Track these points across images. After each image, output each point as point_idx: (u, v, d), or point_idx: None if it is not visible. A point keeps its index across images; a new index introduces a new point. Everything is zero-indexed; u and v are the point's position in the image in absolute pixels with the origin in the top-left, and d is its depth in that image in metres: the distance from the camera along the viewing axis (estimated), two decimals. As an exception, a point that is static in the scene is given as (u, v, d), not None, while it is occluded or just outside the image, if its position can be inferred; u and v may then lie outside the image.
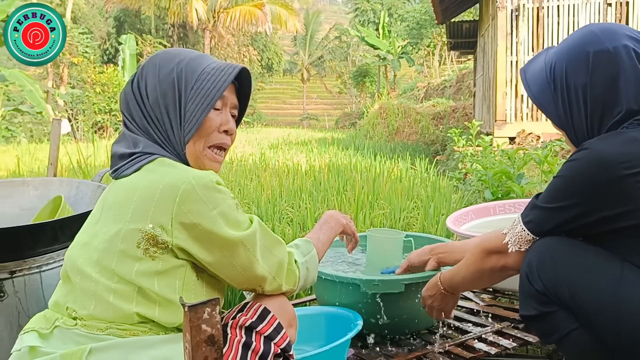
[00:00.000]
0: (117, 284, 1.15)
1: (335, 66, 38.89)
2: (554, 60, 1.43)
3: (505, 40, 8.88)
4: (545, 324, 1.38)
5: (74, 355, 1.11)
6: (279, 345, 1.26)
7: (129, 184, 1.21)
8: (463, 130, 9.67)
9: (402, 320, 2.02)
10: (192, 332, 0.98)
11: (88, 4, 30.99)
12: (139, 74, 1.32)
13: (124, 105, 1.31)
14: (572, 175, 1.33)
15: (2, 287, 1.82)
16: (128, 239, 1.15)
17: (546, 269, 1.35)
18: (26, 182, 2.35)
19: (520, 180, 4.04)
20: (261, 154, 9.19)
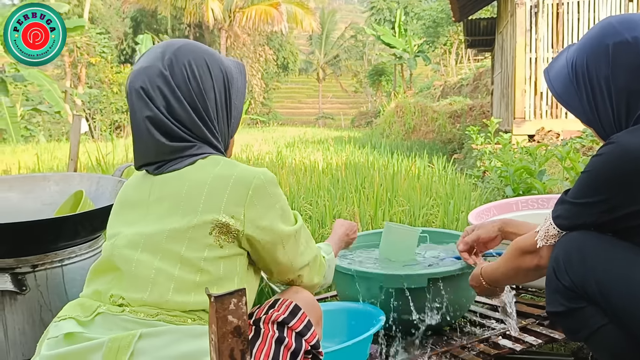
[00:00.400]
0: (181, 271, 1.18)
1: (351, 65, 38.83)
2: (575, 56, 1.42)
3: (524, 37, 8.79)
4: (573, 320, 1.35)
5: (124, 339, 1.11)
6: (309, 342, 1.27)
7: (191, 178, 1.23)
8: (481, 128, 9.59)
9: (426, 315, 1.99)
10: (218, 323, 0.96)
11: (105, 5, 31.26)
12: (183, 68, 1.28)
13: (159, 99, 1.25)
14: (599, 169, 1.31)
15: (24, 281, 1.82)
16: (200, 227, 1.19)
17: (573, 264, 1.33)
18: (47, 177, 2.35)
19: (542, 176, 3.98)
20: (278, 153, 9.18)
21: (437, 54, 30.62)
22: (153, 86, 1.25)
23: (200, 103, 1.28)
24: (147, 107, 1.25)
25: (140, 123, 1.26)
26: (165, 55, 1.28)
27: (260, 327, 1.24)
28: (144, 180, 1.30)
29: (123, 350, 1.11)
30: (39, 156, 7.67)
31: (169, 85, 1.25)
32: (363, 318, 1.94)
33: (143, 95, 1.25)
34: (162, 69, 1.26)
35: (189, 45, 1.33)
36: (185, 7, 25.97)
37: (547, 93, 8.86)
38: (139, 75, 1.28)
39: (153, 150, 1.26)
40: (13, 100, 16.29)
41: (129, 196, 1.32)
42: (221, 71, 1.32)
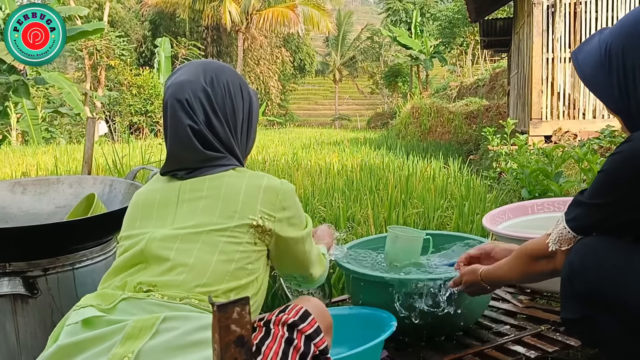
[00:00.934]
0: (218, 260, 1.30)
1: (367, 66, 38.69)
2: (609, 41, 1.35)
3: (541, 37, 8.69)
4: (589, 327, 1.31)
5: (147, 321, 1.16)
6: (318, 347, 1.29)
7: (227, 183, 1.38)
8: (497, 129, 9.50)
9: (438, 321, 1.97)
10: (221, 333, 0.94)
11: (125, 9, 31.51)
12: (223, 86, 1.44)
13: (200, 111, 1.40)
14: (615, 169, 1.27)
15: (35, 285, 1.83)
16: (239, 227, 1.34)
17: (588, 271, 1.28)
18: (61, 179, 2.37)
19: (558, 178, 3.92)
20: (293, 154, 9.18)
21: (453, 54, 30.41)
22: (196, 99, 1.40)
23: (232, 120, 1.46)
24: (189, 118, 1.39)
25: (181, 131, 1.39)
26: (206, 73, 1.44)
27: (271, 328, 1.29)
28: (170, 183, 1.43)
29: (145, 330, 1.15)
30: (57, 158, 7.74)
31: (209, 100, 1.42)
32: (374, 323, 1.92)
33: (186, 107, 1.40)
34: (205, 85, 1.42)
35: (226, 67, 1.51)
36: (203, 9, 26.12)
37: (564, 93, 8.76)
38: (182, 87, 1.41)
39: (190, 156, 1.40)
40: (34, 103, 16.46)
41: (153, 197, 1.42)
42: (249, 95, 1.52)
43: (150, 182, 1.49)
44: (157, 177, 1.49)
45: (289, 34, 32.52)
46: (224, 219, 1.34)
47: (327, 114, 40.30)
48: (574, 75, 8.72)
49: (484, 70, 24.99)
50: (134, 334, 1.14)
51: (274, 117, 32.89)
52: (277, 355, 1.22)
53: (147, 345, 1.13)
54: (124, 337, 1.14)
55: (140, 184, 2.12)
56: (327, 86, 44.35)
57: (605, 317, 1.28)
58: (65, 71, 32.43)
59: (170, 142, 1.43)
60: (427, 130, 17.41)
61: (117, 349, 1.12)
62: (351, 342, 1.88)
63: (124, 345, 1.13)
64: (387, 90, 35.96)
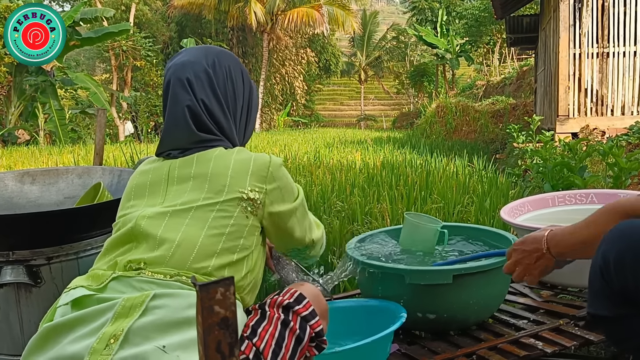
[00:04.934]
0: (207, 235, 1.28)
1: (392, 66, 38.46)
2: None
3: (568, 32, 8.50)
4: (620, 327, 1.18)
5: (137, 299, 1.15)
6: (313, 329, 1.29)
7: (214, 159, 1.37)
8: (523, 127, 9.33)
9: (451, 314, 1.90)
10: (204, 314, 0.89)
11: (151, 10, 31.83)
12: (224, 70, 1.45)
13: (200, 91, 1.40)
14: None
15: (39, 274, 1.81)
16: (229, 201, 1.32)
17: (626, 266, 1.12)
18: (69, 170, 2.35)
19: (582, 172, 3.79)
20: (316, 152, 9.14)
21: (480, 53, 30.06)
22: (197, 79, 1.40)
23: (232, 104, 1.46)
24: (189, 97, 1.39)
25: (178, 110, 1.39)
26: (208, 56, 1.45)
27: (266, 310, 1.29)
28: (161, 164, 1.42)
29: (135, 308, 1.14)
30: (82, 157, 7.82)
31: (210, 82, 1.42)
32: (384, 315, 1.86)
33: (186, 85, 1.40)
34: (206, 66, 1.42)
35: (227, 53, 1.52)
36: (228, 10, 26.24)
37: (592, 90, 8.56)
38: (184, 67, 1.42)
39: (185, 137, 1.40)
40: (62, 104, 16.72)
41: (145, 178, 1.42)
42: (250, 84, 1.53)
43: (143, 164, 1.49)
44: (150, 159, 1.49)
45: (314, 35, 32.45)
46: (213, 194, 1.33)
47: (353, 115, 40.17)
48: (601, 70, 8.52)
49: (511, 68, 24.66)
50: (123, 312, 1.13)
51: (299, 118, 32.91)
52: (273, 338, 1.22)
53: (137, 323, 1.11)
54: (114, 315, 1.13)
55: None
56: (353, 86, 44.20)
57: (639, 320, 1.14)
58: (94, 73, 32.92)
59: (166, 121, 1.43)
60: (453, 129, 17.24)
61: (107, 328, 1.11)
62: (361, 334, 1.82)
63: (114, 324, 1.12)
64: (413, 90, 35.71)
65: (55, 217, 1.81)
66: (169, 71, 1.44)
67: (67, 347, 1.13)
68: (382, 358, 1.74)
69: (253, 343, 1.20)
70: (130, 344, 1.09)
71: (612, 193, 2.66)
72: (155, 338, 1.10)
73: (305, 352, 1.29)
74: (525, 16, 14.81)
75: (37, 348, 1.17)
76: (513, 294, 2.33)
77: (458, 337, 1.93)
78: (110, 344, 1.09)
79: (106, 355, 1.07)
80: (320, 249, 1.65)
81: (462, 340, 1.91)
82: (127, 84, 25.07)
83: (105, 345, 1.09)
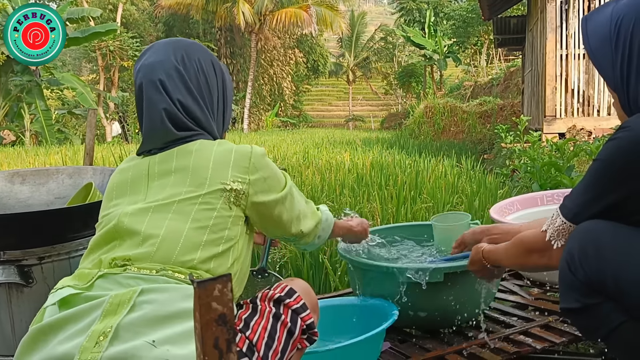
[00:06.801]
0: (191, 228, 1.27)
1: (380, 67, 38.53)
2: (622, 14, 1.27)
3: (555, 34, 8.58)
4: (590, 317, 1.25)
5: (124, 295, 1.15)
6: (305, 321, 1.31)
7: (195, 152, 1.35)
8: (511, 127, 9.39)
9: (442, 312, 1.92)
10: (202, 311, 0.90)
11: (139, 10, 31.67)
12: (195, 63, 1.42)
13: (174, 91, 1.37)
14: (612, 156, 1.22)
15: (30, 274, 1.80)
16: (211, 194, 1.31)
17: (589, 257, 1.22)
18: (60, 170, 2.34)
19: (570, 172, 3.84)
20: (304, 152, 9.14)
21: (467, 54, 30.23)
22: (169, 79, 1.38)
23: (207, 97, 1.44)
24: (163, 99, 1.36)
25: (155, 114, 1.37)
26: (176, 51, 1.42)
27: (258, 304, 1.30)
28: (141, 161, 1.40)
29: (123, 304, 1.13)
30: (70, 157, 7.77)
31: (182, 79, 1.39)
32: (376, 313, 1.87)
33: (159, 87, 1.37)
34: (176, 64, 1.39)
35: (196, 44, 1.48)
36: (216, 11, 26.16)
37: (579, 90, 8.63)
38: (154, 68, 1.39)
39: (162, 138, 1.38)
40: (48, 104, 16.58)
41: (126, 176, 1.40)
42: (222, 72, 1.50)
43: (123, 162, 1.48)
44: (131, 157, 1.47)
45: (303, 35, 32.46)
46: (195, 187, 1.31)
47: (341, 115, 40.18)
48: (588, 72, 8.60)
49: (499, 69, 24.82)
50: (111, 309, 1.13)
51: (287, 118, 32.88)
52: (265, 331, 1.24)
53: (126, 319, 1.11)
54: (103, 313, 1.12)
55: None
56: (341, 87, 44.21)
57: (606, 306, 1.22)
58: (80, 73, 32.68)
59: (145, 125, 1.40)
60: (441, 129, 17.30)
61: (96, 325, 1.11)
62: (353, 332, 1.83)
63: (102, 321, 1.11)
64: (401, 91, 35.80)
65: (47, 217, 1.81)
66: (139, 74, 1.41)
67: (57, 347, 1.12)
68: (374, 356, 1.76)
69: (246, 336, 1.22)
70: (120, 340, 1.09)
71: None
72: (145, 333, 1.10)
73: (297, 344, 1.31)
74: (513, 17, 14.91)
75: (27, 349, 1.17)
76: (503, 292, 2.35)
77: (449, 335, 1.95)
78: (99, 341, 1.08)
79: (96, 352, 1.07)
80: (317, 238, 1.61)
81: (453, 337, 1.93)
82: (115, 84, 24.91)
83: (95, 342, 1.08)
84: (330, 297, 2.27)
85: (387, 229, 2.49)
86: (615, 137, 1.22)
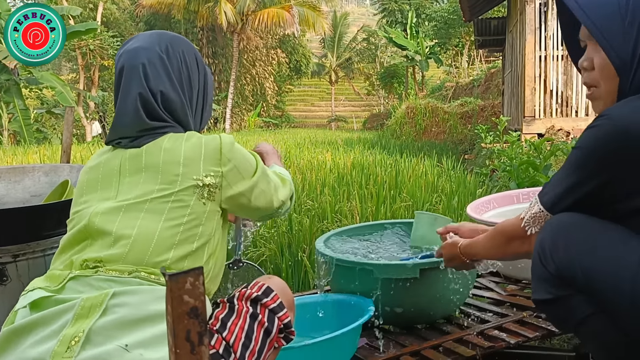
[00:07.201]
0: (164, 227, 1.24)
1: (363, 68, 38.64)
2: None
3: (534, 35, 8.67)
4: (560, 309, 1.26)
5: (96, 298, 1.13)
6: (282, 320, 1.30)
7: (165, 148, 1.32)
8: (491, 127, 9.47)
9: (418, 308, 1.93)
10: (173, 304, 0.90)
11: (119, 9, 31.41)
12: (178, 55, 1.41)
13: (155, 77, 1.35)
14: (591, 144, 1.21)
15: (4, 272, 1.79)
16: (184, 188, 1.28)
17: (559, 250, 1.22)
18: (36, 167, 2.33)
19: (547, 171, 3.89)
20: (286, 152, 9.14)
21: (449, 55, 30.42)
22: (151, 65, 1.36)
23: (187, 89, 1.42)
24: (141, 85, 1.34)
25: (130, 98, 1.34)
26: (161, 41, 1.40)
27: (235, 304, 1.29)
28: (112, 156, 1.37)
29: (95, 308, 1.11)
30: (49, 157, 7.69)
31: (165, 68, 1.37)
32: (352, 309, 1.89)
33: (140, 72, 1.34)
34: (160, 52, 1.38)
35: (181, 38, 1.47)
36: (198, 10, 26.05)
37: (557, 91, 8.74)
38: (137, 53, 1.37)
39: (135, 125, 1.34)
40: (27, 104, 16.37)
41: (97, 172, 1.37)
42: (204, 68, 1.49)
43: (93, 157, 1.44)
44: (101, 150, 1.43)
45: (285, 35, 32.44)
46: (167, 184, 1.29)
47: (324, 116, 40.20)
48: (567, 73, 8.71)
49: (480, 70, 25.01)
50: (83, 312, 1.11)
51: (269, 118, 32.83)
52: (242, 331, 1.23)
53: (98, 322, 1.09)
54: (74, 316, 1.10)
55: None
56: (324, 88, 44.24)
57: (576, 298, 1.22)
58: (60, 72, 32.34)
59: (117, 109, 1.38)
60: (422, 130, 17.39)
61: (68, 329, 1.09)
62: (330, 328, 1.84)
63: (74, 325, 1.09)
64: (383, 92, 35.92)
65: (22, 215, 1.79)
66: (121, 58, 1.39)
67: (28, 351, 1.10)
68: (351, 351, 1.77)
69: (223, 337, 1.21)
70: (92, 345, 1.08)
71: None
72: (117, 337, 1.09)
73: (274, 344, 1.30)
74: (493, 19, 15.03)
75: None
76: (479, 289, 2.38)
77: (425, 330, 1.97)
78: (71, 346, 1.07)
79: (68, 357, 1.06)
80: (292, 200, 1.59)
81: (429, 333, 1.94)
82: (95, 83, 24.69)
83: (67, 347, 1.07)
84: (308, 294, 2.28)
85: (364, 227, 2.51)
86: (595, 124, 1.20)
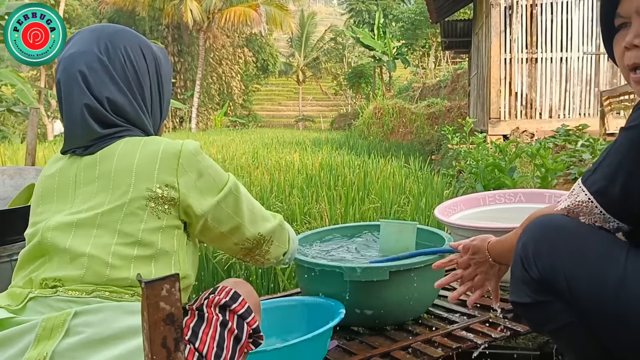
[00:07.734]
0: (118, 244, 1.17)
1: (330, 68, 38.73)
2: None
3: (499, 38, 8.84)
4: (539, 313, 1.24)
5: (58, 319, 1.08)
6: (250, 326, 1.28)
7: (119, 155, 1.23)
8: (457, 128, 9.62)
9: (388, 309, 1.96)
10: (149, 310, 0.90)
11: (82, 6, 30.88)
12: (120, 53, 1.30)
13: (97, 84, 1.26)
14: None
15: (-31, 276, 1.75)
16: (136, 201, 1.19)
17: (542, 256, 1.19)
18: (1, 170, 2.28)
19: (512, 173, 3.97)
20: (254, 153, 9.12)
21: (416, 56, 30.72)
22: (91, 72, 1.26)
23: (137, 88, 1.32)
24: (85, 94, 1.25)
25: (75, 111, 1.25)
26: (100, 40, 1.29)
27: (204, 312, 1.25)
28: (68, 164, 1.29)
29: (57, 329, 1.07)
30: (7, 156, 7.53)
31: (107, 71, 1.27)
32: (323, 312, 1.90)
33: (80, 81, 1.25)
34: (99, 54, 1.27)
35: (122, 30, 1.35)
36: (163, 8, 25.79)
37: (522, 93, 8.91)
38: (73, 60, 1.26)
39: (85, 136, 1.26)
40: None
41: (52, 181, 1.29)
42: (153, 57, 1.37)
43: (48, 164, 1.36)
44: (57, 157, 1.35)
45: (252, 34, 32.34)
46: (119, 195, 1.20)
47: (291, 115, 40.16)
48: (530, 75, 8.89)
49: (446, 71, 25.32)
50: (45, 334, 1.06)
51: (236, 118, 32.67)
52: (214, 341, 1.20)
53: (62, 344, 1.05)
54: (36, 338, 1.06)
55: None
56: (291, 87, 44.20)
57: (557, 305, 1.20)
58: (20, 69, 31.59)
59: (66, 121, 1.28)
60: (390, 130, 17.55)
61: (31, 352, 1.05)
62: (300, 331, 1.86)
63: (36, 348, 1.05)
64: (351, 92, 36.08)
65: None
66: (58, 67, 1.28)
67: None
68: (322, 354, 1.78)
69: (195, 348, 1.17)
70: None
71: (538, 192, 2.80)
72: (83, 358, 1.05)
73: (244, 350, 1.29)
74: (459, 21, 15.25)
75: None
76: (447, 290, 2.41)
77: (395, 332, 1.99)
78: None
79: None
80: (288, 255, 1.51)
81: (399, 334, 1.97)
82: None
83: None
84: (278, 297, 2.28)
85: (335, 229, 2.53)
86: None
